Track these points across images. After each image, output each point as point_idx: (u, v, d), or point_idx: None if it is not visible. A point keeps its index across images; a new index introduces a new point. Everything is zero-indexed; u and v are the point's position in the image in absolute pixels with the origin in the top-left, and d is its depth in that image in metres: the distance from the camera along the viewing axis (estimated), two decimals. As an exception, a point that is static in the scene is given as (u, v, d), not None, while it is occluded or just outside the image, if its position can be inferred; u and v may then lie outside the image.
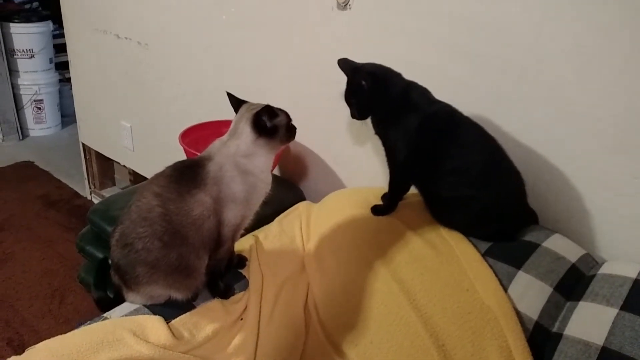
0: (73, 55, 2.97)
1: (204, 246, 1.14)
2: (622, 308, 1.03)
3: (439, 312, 1.14)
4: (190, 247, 1.11)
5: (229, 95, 1.24)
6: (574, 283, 1.17)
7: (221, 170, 1.13)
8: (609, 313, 1.03)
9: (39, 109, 4.17)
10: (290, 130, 1.22)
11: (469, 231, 1.29)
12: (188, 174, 1.13)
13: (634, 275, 1.10)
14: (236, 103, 1.23)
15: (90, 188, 3.30)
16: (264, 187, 1.20)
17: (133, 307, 1.15)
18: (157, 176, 1.16)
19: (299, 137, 1.26)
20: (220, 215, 1.14)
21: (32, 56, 4.02)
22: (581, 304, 1.10)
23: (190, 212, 1.10)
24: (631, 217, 1.25)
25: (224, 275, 1.26)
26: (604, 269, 1.18)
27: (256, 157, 1.17)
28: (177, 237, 1.09)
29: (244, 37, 1.98)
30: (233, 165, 1.15)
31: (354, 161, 1.79)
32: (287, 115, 1.21)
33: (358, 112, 1.35)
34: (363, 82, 1.29)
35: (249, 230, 1.31)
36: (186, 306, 1.17)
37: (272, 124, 1.16)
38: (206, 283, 1.20)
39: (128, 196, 1.15)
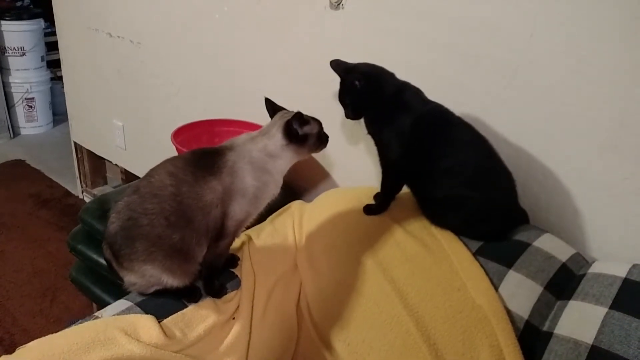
0: (65, 53, 2.95)
1: (206, 234, 1.14)
2: (612, 307, 1.04)
3: (430, 311, 1.15)
4: (194, 232, 1.11)
5: (267, 100, 1.25)
6: (564, 282, 1.18)
7: (239, 162, 1.14)
8: (599, 312, 1.04)
9: (31, 107, 4.14)
10: (322, 139, 1.23)
11: (461, 231, 1.30)
12: (206, 160, 1.14)
13: (623, 274, 1.11)
14: (272, 109, 1.25)
15: (82, 187, 3.28)
16: (275, 188, 1.20)
17: (125, 306, 1.14)
18: (174, 158, 1.17)
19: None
20: (226, 207, 1.14)
21: (24, 54, 3.99)
22: (571, 303, 1.11)
23: (201, 196, 1.10)
24: (621, 217, 1.26)
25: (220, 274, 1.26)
26: (594, 268, 1.19)
27: (279, 159, 1.18)
28: (183, 219, 1.09)
29: (237, 36, 1.98)
30: (253, 159, 1.15)
31: (347, 161, 1.79)
32: (319, 123, 1.22)
33: (352, 112, 1.35)
34: (356, 82, 1.29)
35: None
36: (178, 305, 1.17)
37: (303, 132, 1.17)
38: (202, 280, 1.20)
39: (119, 196, 1.15)
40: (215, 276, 1.24)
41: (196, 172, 1.12)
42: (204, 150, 1.18)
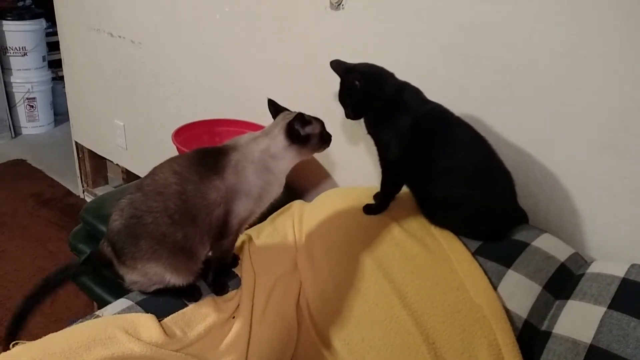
0: (66, 53, 2.96)
1: (209, 232, 1.14)
2: (610, 307, 1.04)
3: (429, 310, 1.15)
4: (197, 230, 1.12)
5: (269, 101, 1.25)
6: (563, 282, 1.18)
7: (243, 162, 1.14)
8: (597, 311, 1.04)
9: (32, 107, 4.15)
10: (324, 139, 1.22)
11: (460, 230, 1.30)
12: (210, 159, 1.14)
13: (621, 274, 1.11)
14: (275, 110, 1.24)
15: (82, 186, 3.29)
16: (278, 188, 1.21)
17: (125, 304, 1.15)
18: (178, 157, 1.17)
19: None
20: (229, 206, 1.14)
21: (25, 54, 4.00)
22: (570, 302, 1.11)
23: (206, 195, 1.11)
24: (620, 217, 1.26)
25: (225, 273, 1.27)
26: (593, 268, 1.19)
27: (282, 160, 1.18)
28: (187, 218, 1.10)
29: (238, 36, 1.98)
30: (257, 160, 1.16)
31: (347, 161, 1.79)
32: (322, 123, 1.22)
33: (352, 112, 1.35)
34: (356, 82, 1.29)
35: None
36: (178, 304, 1.17)
37: (305, 133, 1.17)
38: (211, 276, 1.21)
39: (121, 195, 1.15)
40: (224, 273, 1.24)
41: (200, 171, 1.12)
42: (207, 150, 1.19)
